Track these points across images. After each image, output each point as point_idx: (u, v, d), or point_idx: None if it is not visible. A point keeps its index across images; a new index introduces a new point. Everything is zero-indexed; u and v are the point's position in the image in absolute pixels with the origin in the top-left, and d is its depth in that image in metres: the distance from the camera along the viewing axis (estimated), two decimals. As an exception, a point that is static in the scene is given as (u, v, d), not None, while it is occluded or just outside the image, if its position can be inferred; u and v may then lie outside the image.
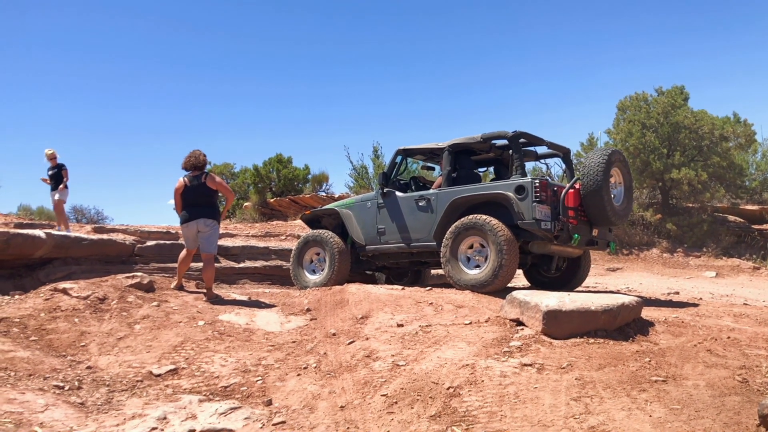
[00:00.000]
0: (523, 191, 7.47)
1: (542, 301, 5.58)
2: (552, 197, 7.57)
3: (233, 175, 24.50)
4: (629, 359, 4.85)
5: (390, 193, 8.81)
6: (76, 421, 4.32)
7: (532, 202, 7.39)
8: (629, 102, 19.78)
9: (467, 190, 8.02)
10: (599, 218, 7.83)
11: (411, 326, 6.13)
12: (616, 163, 7.90)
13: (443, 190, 8.29)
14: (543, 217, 7.39)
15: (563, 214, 7.54)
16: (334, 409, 4.54)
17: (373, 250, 8.93)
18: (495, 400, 4.17)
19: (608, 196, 7.67)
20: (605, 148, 7.95)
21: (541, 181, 7.49)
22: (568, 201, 7.62)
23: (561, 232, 7.51)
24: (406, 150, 9.02)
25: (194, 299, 7.63)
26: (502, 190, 7.67)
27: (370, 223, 8.95)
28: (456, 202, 8.00)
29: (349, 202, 9.44)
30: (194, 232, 7.85)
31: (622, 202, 8.13)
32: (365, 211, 9.04)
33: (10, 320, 6.48)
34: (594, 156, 7.77)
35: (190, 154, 7.91)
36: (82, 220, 20.62)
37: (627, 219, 8.85)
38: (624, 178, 8.19)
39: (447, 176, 8.41)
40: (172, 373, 5.45)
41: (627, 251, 17.32)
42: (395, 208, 8.71)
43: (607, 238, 8.38)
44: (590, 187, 7.62)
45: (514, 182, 7.63)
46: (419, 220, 8.44)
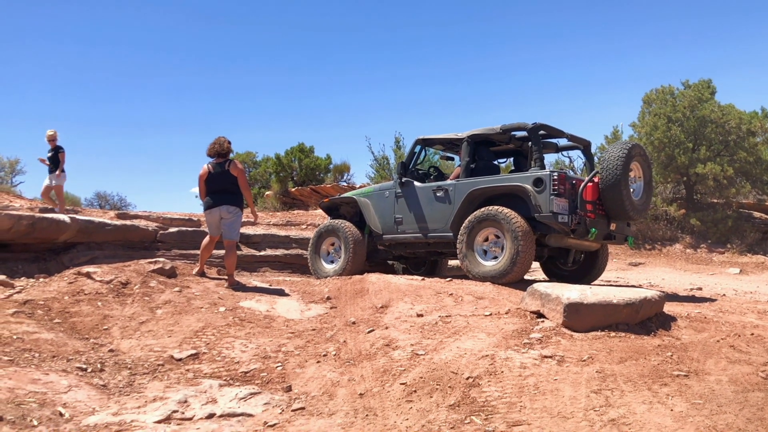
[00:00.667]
0: (541, 184, 7.45)
1: (563, 293, 5.54)
2: (570, 190, 7.54)
3: (255, 163, 24.60)
4: (651, 353, 4.80)
5: (408, 183, 8.81)
6: (99, 403, 4.38)
7: (549, 195, 7.36)
8: (655, 95, 19.55)
9: (485, 182, 8.00)
10: (617, 212, 7.77)
11: (431, 316, 6.12)
12: (636, 157, 7.81)
13: (461, 181, 8.28)
14: (560, 210, 7.37)
15: (581, 207, 7.51)
16: (353, 396, 4.55)
17: (390, 240, 8.96)
18: (514, 391, 4.16)
19: (627, 190, 7.60)
20: (625, 142, 7.88)
21: (560, 174, 7.47)
22: (587, 195, 7.59)
23: (578, 225, 7.47)
24: (425, 140, 9.02)
25: (215, 285, 7.68)
26: (520, 182, 7.65)
27: (388, 213, 8.96)
28: (473, 193, 7.98)
29: (367, 190, 9.48)
30: (217, 218, 7.90)
31: (641, 196, 8.06)
32: (383, 200, 9.06)
33: (35, 302, 6.57)
34: (614, 149, 7.68)
35: (214, 141, 7.95)
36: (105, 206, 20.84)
37: (646, 214, 8.82)
38: (644, 172, 8.11)
39: (465, 167, 8.38)
40: (193, 358, 5.49)
41: (650, 246, 17.16)
42: (413, 198, 8.71)
43: (625, 233, 8.32)
44: (609, 180, 7.54)
45: (532, 174, 7.61)
46: (436, 211, 8.44)
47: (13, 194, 15.37)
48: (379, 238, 9.06)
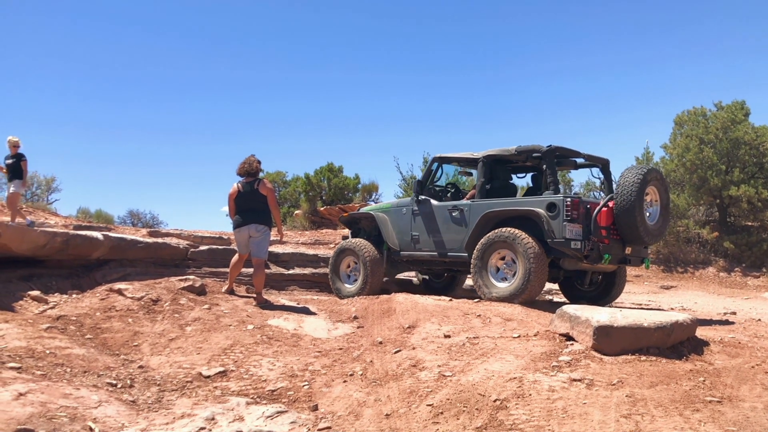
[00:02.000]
0: (554, 209, 7.47)
1: (593, 316, 5.48)
2: (584, 215, 7.54)
3: (285, 183, 24.80)
4: (682, 378, 4.72)
5: (425, 201, 8.87)
6: (128, 418, 4.42)
7: (563, 220, 7.39)
8: (687, 116, 19.35)
9: (499, 204, 8.07)
10: (631, 237, 7.71)
11: (458, 337, 6.09)
12: (652, 181, 7.79)
13: (476, 202, 8.33)
14: (573, 236, 7.40)
15: (595, 233, 7.50)
16: (379, 416, 4.54)
17: (408, 256, 9.06)
18: (542, 415, 4.12)
19: (641, 216, 7.57)
20: (641, 166, 7.85)
21: (573, 200, 7.47)
22: (601, 220, 7.55)
23: (591, 252, 7.48)
24: (442, 158, 9.09)
25: (244, 303, 7.74)
26: (534, 206, 7.68)
27: (405, 230, 9.04)
28: (488, 215, 8.04)
29: (385, 206, 9.56)
30: (246, 237, 7.98)
31: (657, 221, 8.02)
32: (400, 216, 9.14)
33: (68, 318, 6.68)
34: (629, 174, 7.63)
35: (244, 161, 8.06)
36: (138, 224, 21.14)
37: (662, 238, 8.79)
38: (660, 196, 8.06)
39: (481, 187, 8.43)
40: (221, 375, 5.53)
41: (682, 269, 16.91)
42: (430, 217, 8.77)
43: (641, 255, 8.24)
44: (623, 205, 7.50)
45: (545, 199, 7.63)
46: (452, 231, 8.51)
47: (48, 211, 15.70)
48: (397, 255, 9.14)
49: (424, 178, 9.11)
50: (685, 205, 17.72)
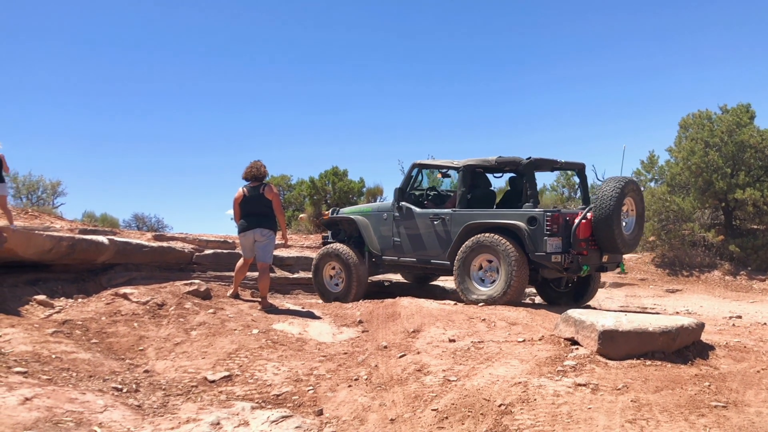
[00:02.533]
0: (535, 223, 7.68)
1: (598, 320, 5.48)
2: (564, 227, 7.76)
3: (290, 186, 24.81)
4: (688, 383, 4.72)
5: (406, 208, 8.96)
6: (133, 423, 4.44)
7: (543, 234, 7.60)
8: (692, 120, 19.30)
9: (481, 216, 8.23)
10: (609, 247, 7.97)
11: (463, 342, 6.09)
12: (630, 193, 8.01)
13: (458, 212, 8.45)
14: (554, 249, 7.61)
15: (574, 246, 7.73)
16: (384, 421, 4.55)
17: (390, 261, 9.15)
18: (547, 419, 4.12)
19: (619, 228, 7.80)
20: (620, 178, 8.06)
21: (554, 214, 7.69)
22: (580, 233, 7.78)
23: (571, 264, 7.72)
24: (421, 164, 9.20)
25: (249, 308, 7.75)
26: (515, 219, 7.87)
27: (387, 235, 9.13)
28: (470, 226, 8.19)
29: (365, 209, 9.62)
30: (251, 241, 8.00)
31: (632, 230, 8.26)
32: (382, 221, 9.21)
33: (73, 323, 6.71)
34: (608, 185, 7.85)
35: (251, 165, 8.08)
36: (143, 227, 21.18)
37: (636, 246, 9.10)
38: (637, 206, 8.31)
39: (462, 196, 8.56)
40: (226, 380, 5.54)
41: (687, 272, 16.87)
42: (411, 224, 8.89)
43: (617, 260, 8.51)
44: (601, 216, 7.73)
45: (526, 213, 7.84)
46: (434, 239, 8.63)
47: (54, 215, 15.72)
48: (379, 259, 9.23)
49: (404, 185, 9.16)
50: (691, 208, 17.66)
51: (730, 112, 18.65)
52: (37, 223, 12.77)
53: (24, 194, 20.69)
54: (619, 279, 15.10)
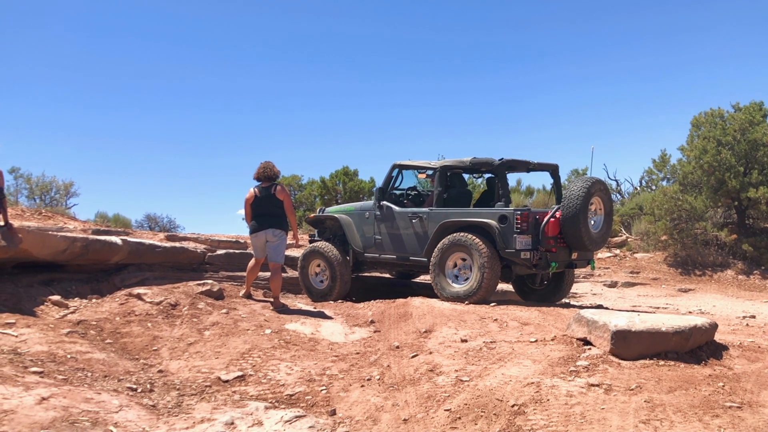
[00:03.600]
0: (505, 221, 8.01)
1: (611, 320, 5.47)
2: (533, 225, 8.09)
3: (300, 186, 24.88)
4: (701, 383, 4.70)
5: (387, 207, 9.27)
6: (148, 423, 4.47)
7: (513, 232, 7.93)
8: (704, 118, 19.17)
9: (456, 215, 8.60)
10: (576, 244, 8.29)
11: (475, 342, 6.10)
12: (597, 192, 8.33)
13: (434, 210, 8.78)
14: (523, 246, 7.94)
15: (543, 243, 8.07)
16: (397, 421, 4.56)
17: (371, 258, 9.45)
18: (561, 420, 4.12)
19: (586, 226, 8.11)
20: (587, 178, 8.42)
21: (523, 212, 8.01)
22: (548, 231, 8.10)
23: (540, 260, 8.07)
24: (401, 165, 9.48)
25: (261, 308, 7.79)
26: (487, 218, 8.21)
27: (369, 233, 9.44)
28: (445, 224, 8.50)
29: (348, 208, 9.94)
30: (263, 241, 8.03)
31: (601, 228, 8.57)
32: (364, 220, 9.53)
33: (88, 323, 6.76)
34: (575, 185, 8.21)
35: (262, 165, 8.11)
36: (155, 228, 21.28)
37: (605, 244, 9.48)
38: (605, 205, 8.62)
39: (438, 196, 8.89)
40: (240, 380, 5.57)
41: (699, 272, 16.77)
42: (391, 222, 9.22)
43: (587, 258, 8.85)
44: (569, 214, 8.03)
45: (497, 211, 8.17)
46: (413, 237, 8.98)
47: (67, 216, 15.81)
48: (362, 256, 9.52)
49: (385, 185, 9.46)
50: (703, 207, 17.55)
51: (743, 110, 18.52)
52: (51, 223, 12.85)
53: (37, 195, 20.84)
54: (631, 278, 15.04)
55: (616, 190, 22.65)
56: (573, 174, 23.13)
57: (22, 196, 20.17)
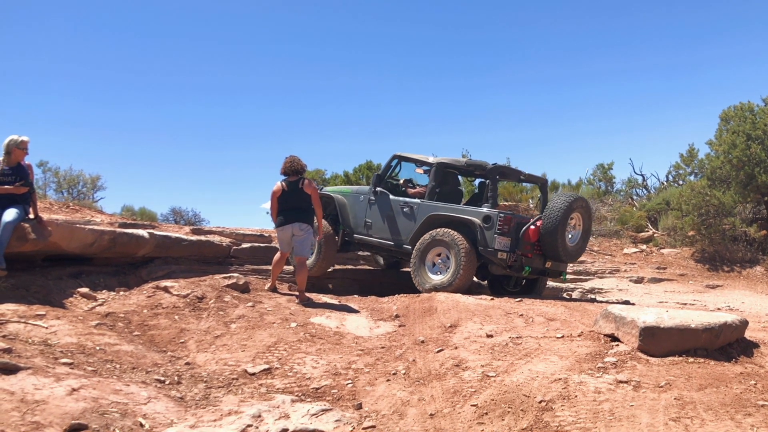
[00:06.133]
0: (489, 221, 8.51)
1: (639, 316, 5.41)
2: (514, 230, 8.60)
3: (324, 181, 24.95)
4: (732, 381, 4.63)
5: (381, 193, 9.68)
6: (176, 415, 4.51)
7: (494, 233, 8.43)
8: (733, 112, 18.86)
9: (444, 209, 9.05)
10: (552, 255, 8.85)
11: (501, 337, 6.07)
12: (577, 209, 8.91)
13: (425, 202, 9.25)
14: (502, 247, 8.46)
15: (521, 247, 8.58)
16: (423, 416, 4.55)
17: (359, 239, 9.87)
18: (589, 417, 4.08)
19: (562, 238, 8.68)
20: (571, 194, 9.07)
21: (506, 216, 8.56)
22: (528, 237, 8.64)
23: (515, 263, 8.56)
24: (401, 156, 9.94)
25: (287, 301, 7.81)
26: (472, 216, 8.69)
27: (361, 215, 9.85)
28: (433, 216, 8.98)
29: (345, 190, 10.39)
30: (289, 235, 8.05)
31: (577, 242, 9.14)
32: (358, 202, 9.93)
33: (116, 315, 6.84)
34: (557, 200, 8.77)
35: (289, 159, 8.12)
36: (180, 221, 21.42)
37: (579, 258, 9.92)
38: (584, 222, 9.20)
39: (431, 190, 9.36)
40: (266, 373, 5.60)
41: (728, 268, 16.53)
42: (384, 208, 9.64)
43: (560, 269, 9.34)
44: (548, 227, 8.60)
45: (483, 211, 8.67)
46: (401, 224, 9.39)
47: (94, 209, 15.96)
48: (350, 236, 9.94)
49: (383, 173, 9.95)
50: (732, 202, 17.27)
51: (774, 104, 18.21)
52: (78, 217, 12.99)
53: (65, 188, 21.07)
54: (657, 274, 14.86)
55: (642, 185, 22.36)
56: (598, 168, 22.86)
57: (50, 189, 20.41)
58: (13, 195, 7.07)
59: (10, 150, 7.15)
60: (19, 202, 7.10)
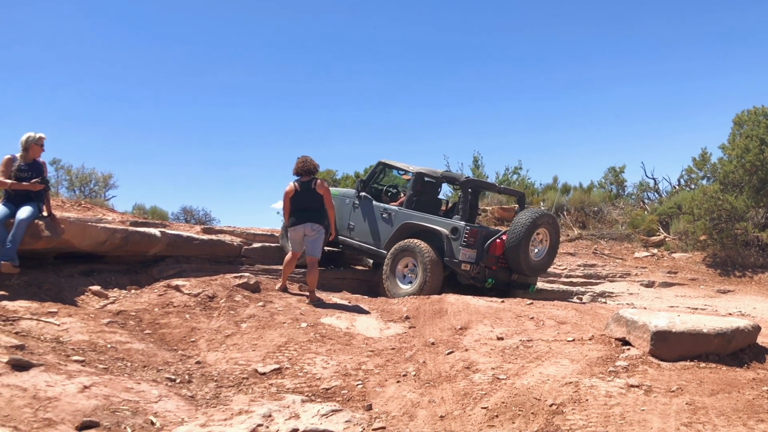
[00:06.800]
0: (456, 233, 8.82)
1: (651, 321, 5.38)
2: (481, 242, 8.88)
3: (336, 181, 24.96)
4: (745, 387, 4.60)
5: (365, 198, 10.08)
6: (187, 413, 4.52)
7: (460, 244, 8.73)
8: (747, 116, 18.74)
9: (416, 218, 9.38)
10: (515, 268, 9.06)
11: (511, 340, 6.06)
12: (543, 224, 9.11)
13: (401, 210, 9.62)
14: (466, 259, 8.75)
15: (484, 260, 8.86)
16: (433, 418, 4.55)
17: (343, 241, 10.26)
18: (600, 421, 4.07)
19: (525, 253, 8.88)
20: (536, 210, 9.41)
21: (473, 229, 8.86)
22: (493, 250, 8.91)
23: (478, 274, 8.83)
24: (385, 163, 10.36)
25: (297, 301, 7.82)
26: (441, 227, 9.01)
27: (344, 217, 10.20)
28: (407, 224, 9.34)
29: (333, 192, 10.30)
30: (301, 235, 8.07)
31: (542, 257, 9.34)
32: (343, 205, 10.27)
33: (127, 313, 6.86)
34: (523, 215, 8.99)
35: (301, 159, 8.13)
36: (191, 220, 21.48)
37: (544, 272, 10.30)
38: (551, 238, 9.41)
39: (409, 198, 9.74)
40: (276, 373, 5.61)
41: (739, 273, 16.43)
42: (365, 212, 10.03)
43: (528, 282, 9.53)
44: (512, 242, 8.82)
45: (451, 223, 8.98)
46: (379, 229, 9.75)
47: (106, 208, 16.05)
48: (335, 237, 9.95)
49: (368, 179, 10.32)
50: (744, 207, 17.16)
51: (788, 108, 18.09)
52: (90, 215, 13.07)
53: (77, 186, 21.21)
54: (668, 278, 14.80)
55: (653, 189, 22.26)
56: (610, 172, 22.76)
57: (62, 187, 20.55)
58: (28, 192, 7.12)
59: (28, 146, 7.21)
60: (34, 199, 7.16)
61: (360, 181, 10.32)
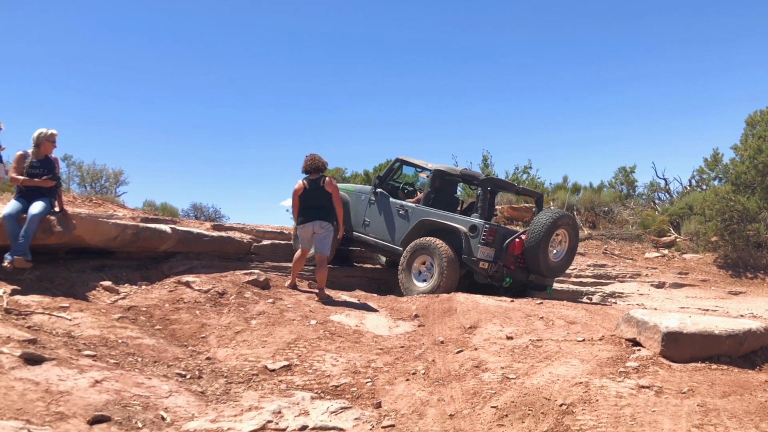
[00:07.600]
0: (475, 231, 8.71)
1: (662, 321, 5.36)
2: (499, 241, 8.76)
3: (344, 179, 25.00)
4: (757, 389, 4.58)
5: (382, 195, 9.97)
6: (197, 409, 4.54)
7: (479, 243, 8.62)
8: (759, 116, 18.62)
9: (434, 215, 9.30)
10: (534, 269, 8.97)
11: (521, 339, 6.04)
12: (563, 225, 9.01)
13: (419, 207, 9.52)
14: (485, 257, 8.64)
15: (503, 259, 8.75)
16: (443, 417, 4.55)
17: (357, 237, 10.17)
18: (610, 421, 4.05)
19: (545, 253, 8.79)
20: (557, 211, 9.32)
21: (492, 227, 8.76)
22: (512, 249, 8.82)
23: (496, 273, 8.71)
24: (403, 160, 10.27)
25: (307, 298, 7.84)
26: (460, 224, 8.91)
27: (360, 213, 10.14)
28: (424, 221, 9.27)
29: (349, 188, 10.59)
30: (310, 233, 8.08)
31: (561, 259, 9.26)
32: (359, 201, 10.23)
33: (138, 309, 6.90)
34: (544, 215, 8.94)
35: (310, 157, 8.15)
36: (201, 217, 21.56)
37: (562, 273, 10.09)
38: (570, 239, 9.31)
39: (426, 195, 9.66)
40: (286, 369, 5.62)
41: (751, 274, 16.33)
42: (382, 209, 9.92)
43: (545, 283, 9.40)
44: (532, 242, 8.72)
45: (470, 221, 8.87)
46: (396, 226, 9.66)
47: (116, 204, 16.12)
48: (349, 232, 10.10)
49: (385, 175, 10.25)
50: (756, 208, 17.05)
51: (801, 109, 17.95)
52: (101, 211, 13.12)
53: (88, 182, 21.33)
54: (679, 279, 14.73)
55: (664, 189, 22.15)
56: (621, 172, 22.67)
57: (73, 183, 20.69)
58: (40, 188, 7.16)
59: (40, 143, 7.25)
60: (46, 195, 7.20)
61: (377, 177, 10.21)
